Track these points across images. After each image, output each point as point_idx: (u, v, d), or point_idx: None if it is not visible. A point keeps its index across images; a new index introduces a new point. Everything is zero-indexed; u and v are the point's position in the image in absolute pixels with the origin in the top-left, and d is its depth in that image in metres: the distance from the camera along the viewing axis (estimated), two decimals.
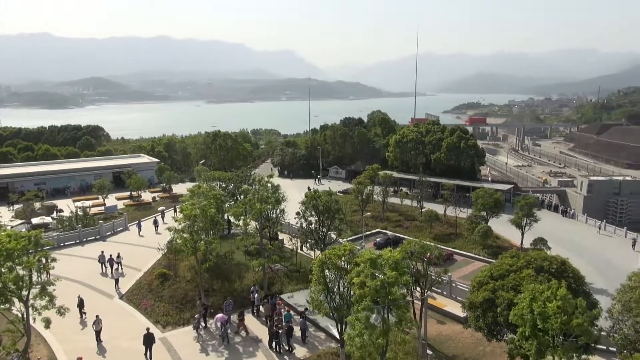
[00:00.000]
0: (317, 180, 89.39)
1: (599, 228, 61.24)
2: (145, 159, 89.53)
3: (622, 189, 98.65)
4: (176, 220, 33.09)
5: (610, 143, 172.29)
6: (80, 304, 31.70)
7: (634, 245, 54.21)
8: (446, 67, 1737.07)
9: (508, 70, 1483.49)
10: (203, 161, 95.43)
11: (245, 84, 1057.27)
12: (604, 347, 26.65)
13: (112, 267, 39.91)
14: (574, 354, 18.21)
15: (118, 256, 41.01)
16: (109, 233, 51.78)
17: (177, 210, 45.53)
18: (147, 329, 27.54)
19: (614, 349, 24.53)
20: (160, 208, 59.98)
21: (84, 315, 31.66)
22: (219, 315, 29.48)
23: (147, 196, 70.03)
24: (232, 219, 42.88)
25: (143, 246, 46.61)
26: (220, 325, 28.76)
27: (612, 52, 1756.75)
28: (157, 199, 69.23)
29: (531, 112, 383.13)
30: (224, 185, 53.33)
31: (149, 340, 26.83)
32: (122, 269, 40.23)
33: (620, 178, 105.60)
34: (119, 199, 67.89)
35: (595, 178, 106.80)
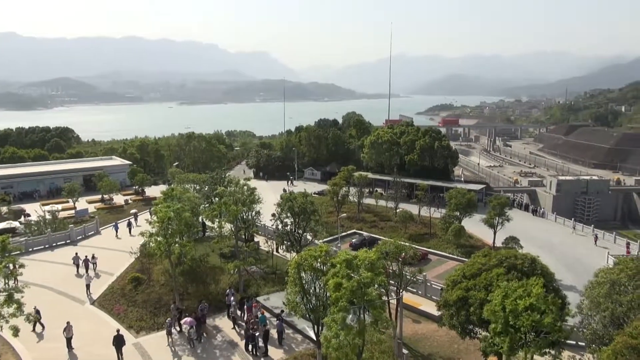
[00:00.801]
0: (290, 182, 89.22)
1: (573, 228, 62.31)
2: (117, 161, 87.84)
3: (589, 188, 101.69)
4: (150, 223, 32.59)
5: (577, 143, 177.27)
6: (37, 315, 29.59)
7: (595, 241, 56.38)
8: (419, 69, 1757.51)
9: (479, 72, 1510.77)
10: (177, 163, 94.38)
11: (219, 85, 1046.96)
12: (574, 342, 27.38)
13: (87, 268, 39.56)
14: (545, 350, 18.68)
15: (93, 257, 40.65)
16: (80, 237, 50.64)
17: (151, 213, 44.87)
18: (117, 330, 27.43)
19: (583, 344, 25.20)
20: (133, 210, 59.03)
21: (41, 326, 30.05)
22: (187, 318, 29.09)
23: (119, 199, 68.73)
24: (206, 221, 42.49)
25: (115, 250, 45.71)
26: (188, 328, 28.39)
27: (579, 55, 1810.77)
28: (130, 201, 68.02)
29: (502, 113, 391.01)
30: (198, 187, 52.79)
31: (119, 341, 26.62)
32: (95, 270, 40.06)
33: (587, 177, 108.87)
34: (90, 202, 66.43)
35: (563, 178, 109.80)
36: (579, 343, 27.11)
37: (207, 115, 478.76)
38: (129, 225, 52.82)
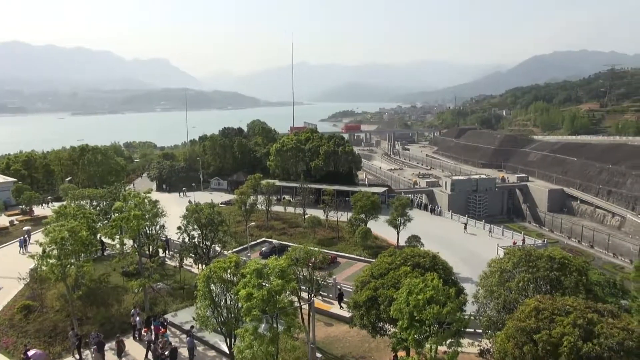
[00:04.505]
0: (182, 193, 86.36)
1: (489, 231, 63.18)
2: None
3: (479, 186, 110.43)
4: (40, 245, 29.89)
5: (467, 145, 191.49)
6: None
7: (465, 228, 61.67)
8: (320, 77, 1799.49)
9: (376, 80, 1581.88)
10: (69, 178, 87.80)
11: (115, 94, 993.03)
12: (472, 330, 29.42)
13: None
14: (448, 340, 19.93)
15: None
16: None
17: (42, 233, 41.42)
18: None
19: (480, 331, 27.19)
20: (26, 228, 53.77)
21: None
22: (34, 351, 26.33)
23: (3, 220, 62.35)
24: (105, 239, 39.94)
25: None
26: None
27: (459, 64, 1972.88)
28: (16, 222, 61.96)
29: (399, 118, 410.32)
30: (95, 203, 49.58)
31: None
32: None
33: (477, 177, 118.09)
34: None
35: (456, 178, 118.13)
36: (477, 330, 29.17)
37: (104, 126, 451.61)
38: (24, 242, 48.67)
